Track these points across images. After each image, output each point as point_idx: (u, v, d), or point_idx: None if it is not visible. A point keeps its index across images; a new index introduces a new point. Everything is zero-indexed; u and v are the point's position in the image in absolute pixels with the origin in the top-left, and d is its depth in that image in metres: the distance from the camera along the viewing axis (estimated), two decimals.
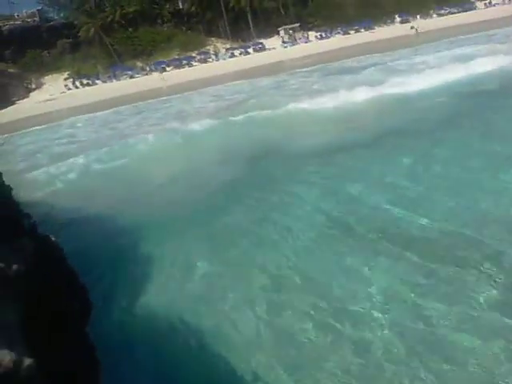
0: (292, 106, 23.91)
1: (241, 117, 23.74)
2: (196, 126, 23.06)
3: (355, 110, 21.26)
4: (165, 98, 42.40)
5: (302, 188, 13.07)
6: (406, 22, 73.22)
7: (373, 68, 34.03)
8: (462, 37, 46.77)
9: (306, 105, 23.75)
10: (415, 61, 34.42)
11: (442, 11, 79.22)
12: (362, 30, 74.04)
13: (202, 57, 71.47)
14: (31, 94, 65.00)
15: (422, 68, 29.64)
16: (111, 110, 40.40)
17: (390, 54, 43.04)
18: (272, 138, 18.73)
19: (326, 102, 23.34)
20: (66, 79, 68.12)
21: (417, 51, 41.73)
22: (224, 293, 8.52)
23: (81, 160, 20.58)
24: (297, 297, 8.02)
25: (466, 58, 28.86)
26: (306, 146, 16.82)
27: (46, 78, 69.43)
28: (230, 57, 70.81)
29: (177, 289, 8.97)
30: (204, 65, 67.06)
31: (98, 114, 39.53)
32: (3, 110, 50.99)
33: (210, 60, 70.63)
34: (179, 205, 13.12)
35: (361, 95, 23.54)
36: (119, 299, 8.84)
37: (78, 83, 66.71)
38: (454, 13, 76.50)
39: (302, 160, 15.42)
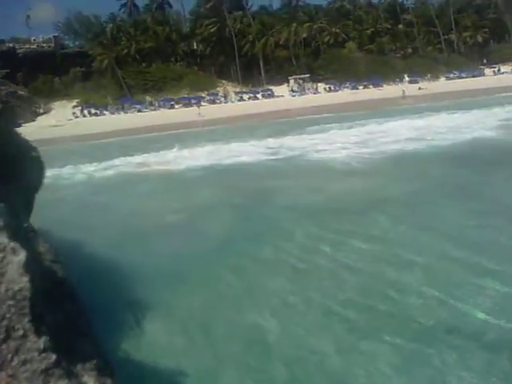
0: None
1: None
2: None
3: None
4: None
5: None
6: (414, 83, 74.36)
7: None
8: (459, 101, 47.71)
9: None
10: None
11: (451, 75, 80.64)
12: (371, 87, 75.09)
13: (211, 98, 72.28)
14: (38, 118, 64.46)
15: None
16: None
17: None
18: None
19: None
20: (74, 107, 68.62)
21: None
22: None
23: None
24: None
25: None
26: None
27: (55, 103, 69.77)
28: (239, 100, 71.69)
29: None
30: (213, 105, 67.65)
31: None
32: None
33: (219, 102, 71.35)
34: None
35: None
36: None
37: (86, 112, 67.21)
38: (463, 77, 77.85)
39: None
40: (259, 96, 73.00)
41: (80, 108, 68.17)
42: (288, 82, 77.12)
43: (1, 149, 4.27)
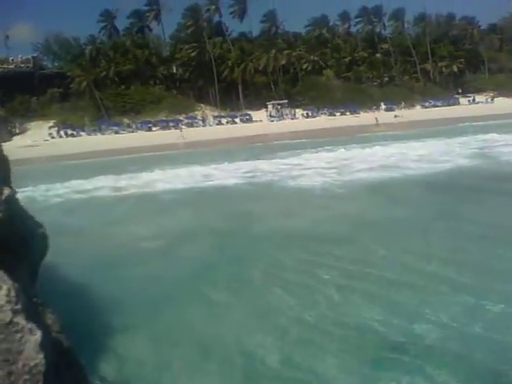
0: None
1: None
2: None
3: None
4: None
5: None
6: (390, 111, 75.53)
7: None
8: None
9: None
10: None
11: (427, 104, 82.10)
12: (348, 114, 75.96)
13: (190, 121, 72.44)
14: (14, 137, 64.64)
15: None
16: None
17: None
18: None
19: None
20: (50, 127, 68.12)
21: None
22: None
23: None
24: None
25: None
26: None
27: (32, 124, 69.45)
28: (217, 124, 71.97)
29: None
30: (191, 129, 67.72)
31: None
32: None
33: (197, 125, 71.46)
34: None
35: None
36: None
37: (62, 132, 66.78)
38: (438, 106, 79.36)
39: None
40: (237, 120, 73.36)
41: (56, 129, 67.74)
42: (266, 107, 77.66)
43: (14, 229, 4.36)
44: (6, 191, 3.95)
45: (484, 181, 20.87)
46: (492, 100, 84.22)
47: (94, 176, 29.29)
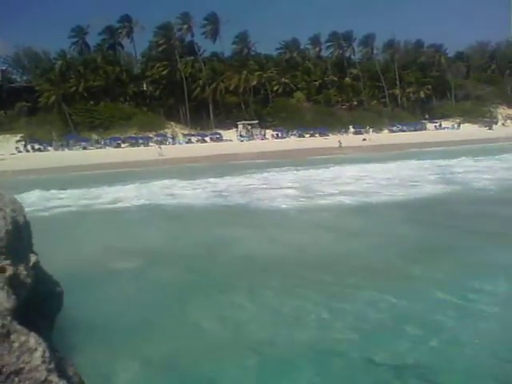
0: None
1: None
2: None
3: None
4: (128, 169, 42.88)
5: None
6: (359, 134, 76.76)
7: None
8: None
9: None
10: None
11: (394, 128, 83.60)
12: (317, 136, 76.79)
13: (159, 138, 72.16)
14: None
15: None
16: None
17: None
18: None
19: None
20: (17, 141, 67.23)
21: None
22: None
23: None
24: None
25: None
26: None
27: None
28: (187, 142, 71.91)
29: None
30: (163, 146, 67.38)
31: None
32: None
33: (167, 143, 71.25)
34: None
35: None
36: None
37: (29, 147, 65.91)
38: (405, 131, 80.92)
39: None
40: (207, 139, 73.54)
41: (23, 143, 66.84)
42: (237, 126, 78.15)
43: (39, 290, 4.55)
44: (33, 258, 4.19)
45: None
46: (458, 126, 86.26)
47: (58, 192, 28.65)
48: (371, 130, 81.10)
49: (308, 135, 77.17)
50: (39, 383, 3.12)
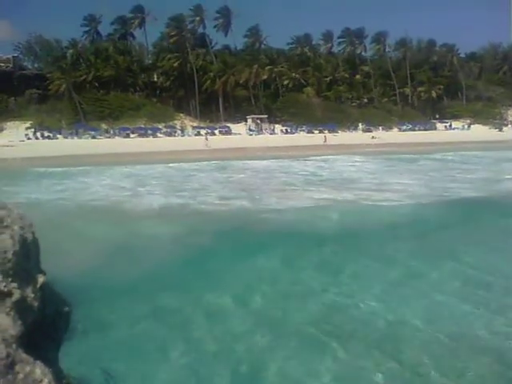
0: None
1: None
2: None
3: None
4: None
5: None
6: (368, 131, 76.38)
7: None
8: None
9: None
10: None
11: (404, 127, 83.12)
12: (326, 132, 76.37)
13: (168, 130, 72.12)
14: None
15: None
16: None
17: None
18: None
19: None
20: (27, 128, 67.25)
21: None
22: None
23: None
24: None
25: None
26: None
27: (8, 124, 68.60)
28: (196, 135, 71.70)
29: None
30: (170, 138, 67.22)
31: None
32: None
33: (176, 134, 71.16)
34: None
35: None
36: None
37: (38, 134, 65.90)
38: (415, 130, 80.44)
39: None
40: (216, 132, 73.22)
41: (33, 130, 66.86)
42: (246, 120, 77.91)
43: (46, 312, 4.45)
44: (41, 279, 4.00)
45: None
46: (468, 127, 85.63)
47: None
48: (380, 127, 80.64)
49: (317, 131, 76.77)
50: None
